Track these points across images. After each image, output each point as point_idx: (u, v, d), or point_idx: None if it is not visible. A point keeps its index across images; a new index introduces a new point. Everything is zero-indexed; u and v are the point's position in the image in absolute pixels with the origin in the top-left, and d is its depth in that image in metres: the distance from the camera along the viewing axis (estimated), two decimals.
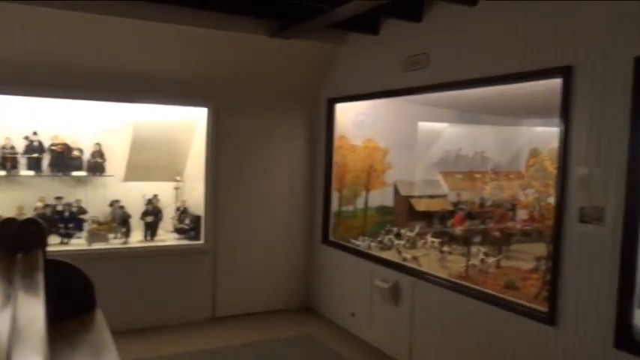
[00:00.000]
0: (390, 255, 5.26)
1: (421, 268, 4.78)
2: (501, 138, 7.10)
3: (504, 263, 4.94)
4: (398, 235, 5.78)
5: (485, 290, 4.07)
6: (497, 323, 3.82)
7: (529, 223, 5.52)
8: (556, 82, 3.49)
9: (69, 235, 5.40)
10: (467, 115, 6.76)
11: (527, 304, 3.70)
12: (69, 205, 5.45)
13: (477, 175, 6.07)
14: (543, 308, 3.51)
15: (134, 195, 5.78)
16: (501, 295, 3.93)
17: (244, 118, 5.93)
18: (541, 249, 4.93)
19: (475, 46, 4.04)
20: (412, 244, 5.58)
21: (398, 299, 4.84)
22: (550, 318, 3.39)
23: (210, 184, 5.76)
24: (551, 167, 4.05)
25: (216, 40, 5.10)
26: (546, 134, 6.48)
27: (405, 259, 4.96)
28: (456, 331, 4.19)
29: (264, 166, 6.09)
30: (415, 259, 4.93)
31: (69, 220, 5.42)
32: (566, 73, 3.34)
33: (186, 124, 5.92)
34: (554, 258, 3.41)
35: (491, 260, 4.65)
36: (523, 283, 4.34)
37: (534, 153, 6.68)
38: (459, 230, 5.49)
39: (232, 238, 5.95)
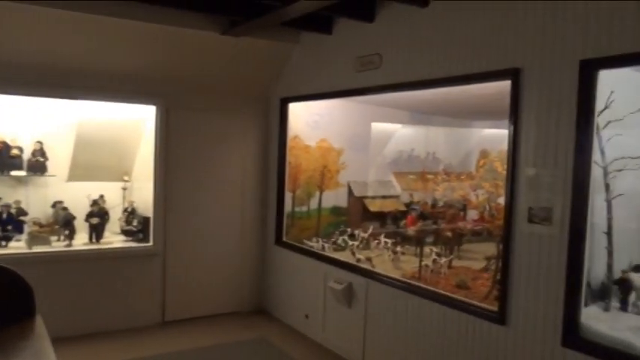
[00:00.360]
0: (343, 256, 5.23)
1: (375, 269, 4.77)
2: (452, 139, 7.20)
3: (456, 263, 5.00)
4: (352, 236, 5.77)
5: (437, 290, 4.10)
6: (449, 323, 3.84)
7: (479, 223, 5.62)
8: (505, 85, 3.54)
9: (7, 238, 5.13)
10: (419, 116, 6.82)
11: (478, 304, 3.73)
12: (7, 206, 5.18)
13: (429, 176, 6.14)
14: (493, 308, 3.56)
15: (79, 196, 5.56)
16: (453, 295, 3.96)
17: (195, 117, 5.79)
18: (491, 248, 5.02)
19: (426, 48, 4.06)
20: (366, 245, 5.58)
21: (352, 300, 4.82)
22: (500, 317, 3.43)
23: (160, 184, 5.59)
24: (501, 168, 4.11)
25: (165, 36, 4.94)
26: (495, 136, 6.60)
27: (358, 260, 4.94)
28: (409, 331, 4.20)
29: (216, 166, 5.97)
30: (369, 259, 4.92)
31: (7, 221, 5.15)
32: (514, 75, 3.39)
33: (134, 123, 5.73)
34: (504, 258, 3.45)
35: (443, 260, 4.69)
36: (474, 282, 4.40)
37: (484, 154, 6.81)
38: (411, 231, 5.53)
39: (182, 240, 5.79)
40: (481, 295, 4.04)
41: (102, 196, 5.71)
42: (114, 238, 5.72)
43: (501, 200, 3.99)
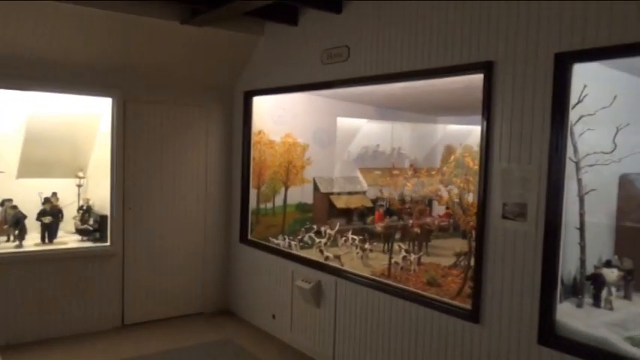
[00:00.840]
0: (311, 254, 5.10)
1: (343, 267, 4.65)
2: (417, 135, 7.17)
3: (425, 259, 4.94)
4: (318, 233, 5.66)
5: (407, 288, 4.01)
6: (421, 322, 3.76)
7: (446, 218, 5.59)
8: (473, 79, 3.48)
9: None
10: (385, 111, 6.76)
11: (451, 302, 3.66)
12: None
13: (396, 172, 6.06)
14: (467, 305, 3.49)
15: (30, 193, 5.24)
16: (424, 293, 3.88)
17: (154, 110, 5.53)
18: (459, 244, 5.00)
19: (396, 40, 3.95)
20: (333, 242, 5.47)
21: (320, 300, 4.69)
22: (474, 315, 3.37)
23: (117, 181, 5.31)
24: (472, 163, 4.05)
25: (122, 24, 4.68)
26: (460, 131, 6.61)
27: (327, 258, 4.81)
28: (381, 330, 4.10)
29: (177, 162, 5.72)
30: (337, 257, 4.80)
31: None
32: (487, 68, 3.32)
33: (88, 116, 5.43)
34: (477, 254, 3.39)
35: (412, 257, 4.61)
36: (444, 279, 4.34)
37: (449, 150, 6.81)
38: (379, 227, 5.44)
39: (142, 239, 5.54)
40: (452, 292, 3.98)
41: (55, 194, 5.41)
42: (69, 238, 5.42)
43: (473, 197, 3.93)
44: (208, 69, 5.59)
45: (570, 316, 3.06)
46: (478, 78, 3.42)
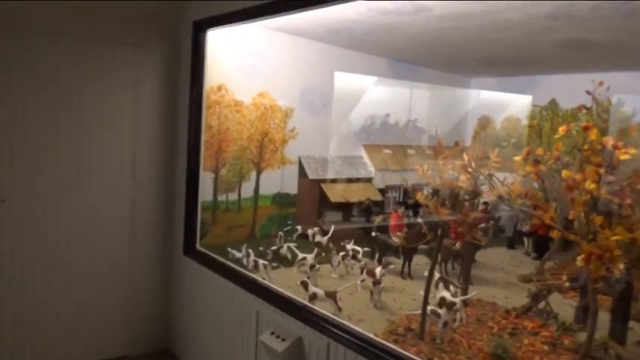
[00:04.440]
0: (289, 279, 3.16)
1: (339, 318, 2.68)
2: (442, 101, 5.54)
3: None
4: (304, 238, 4.08)
5: None
6: None
7: (484, 218, 3.69)
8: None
9: None
10: (402, 67, 5.02)
11: None
12: None
13: (429, 152, 4.19)
14: None
15: None
16: None
17: (49, 47, 3.50)
18: (507, 258, 3.28)
19: None
20: (326, 256, 3.59)
21: None
22: None
23: None
24: (596, 136, 2.08)
25: None
26: (498, 100, 5.05)
27: (314, 298, 2.85)
28: None
29: (87, 130, 3.71)
30: (331, 295, 2.83)
31: None
32: None
33: None
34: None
35: (458, 299, 2.68)
36: (520, 349, 2.43)
37: (483, 122, 5.24)
38: (396, 238, 3.49)
39: (27, 248, 3.56)
40: None
41: None
42: None
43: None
44: None
45: None
46: None
